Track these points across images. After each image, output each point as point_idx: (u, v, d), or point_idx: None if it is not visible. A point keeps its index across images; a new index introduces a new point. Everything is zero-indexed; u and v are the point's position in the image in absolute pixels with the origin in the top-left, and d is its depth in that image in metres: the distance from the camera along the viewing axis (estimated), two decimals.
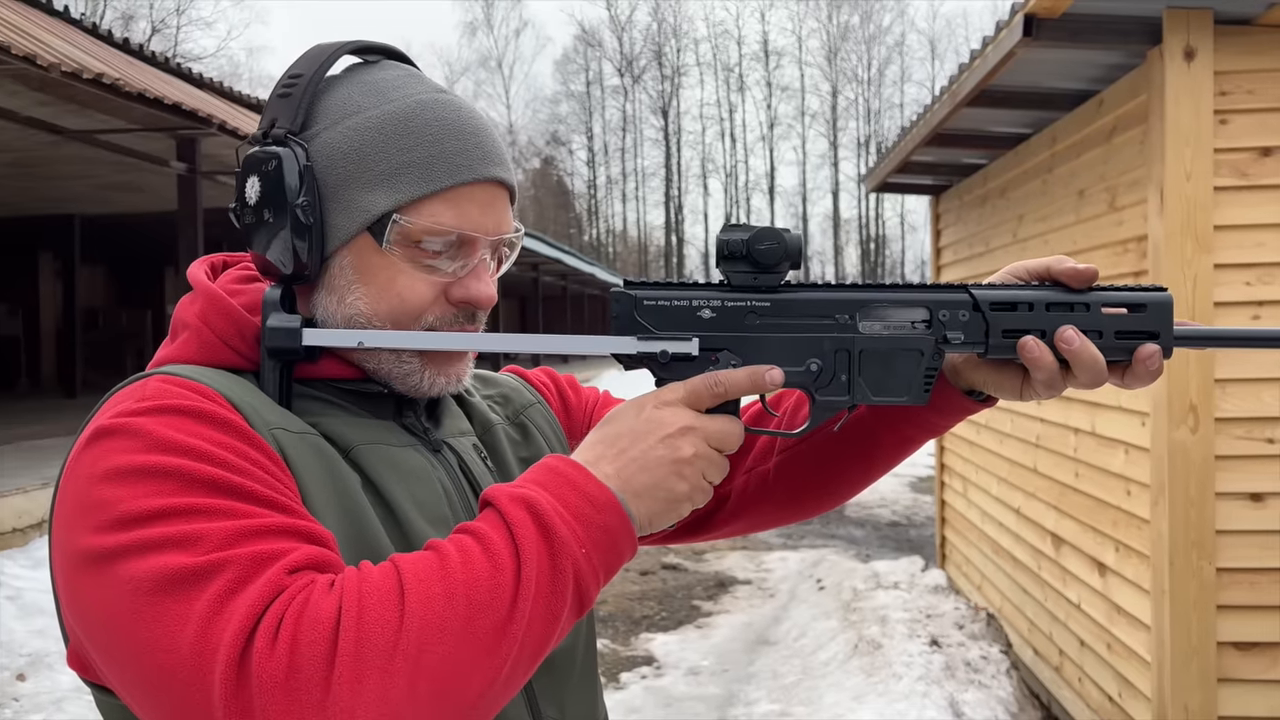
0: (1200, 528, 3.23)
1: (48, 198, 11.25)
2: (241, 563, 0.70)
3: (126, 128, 7.50)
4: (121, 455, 0.75)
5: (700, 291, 0.87)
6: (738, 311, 0.87)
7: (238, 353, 0.88)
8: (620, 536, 0.78)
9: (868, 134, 58.03)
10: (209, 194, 9.11)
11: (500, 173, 0.92)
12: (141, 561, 0.71)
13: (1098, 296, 0.89)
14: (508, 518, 0.75)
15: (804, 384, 0.88)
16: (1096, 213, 3.94)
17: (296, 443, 0.83)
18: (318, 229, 0.87)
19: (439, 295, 0.90)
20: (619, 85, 60.17)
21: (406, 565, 0.72)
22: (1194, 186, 3.19)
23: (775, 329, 0.87)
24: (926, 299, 0.89)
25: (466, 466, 0.96)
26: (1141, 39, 3.28)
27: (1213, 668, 3.24)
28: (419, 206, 0.87)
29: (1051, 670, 4.60)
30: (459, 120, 0.90)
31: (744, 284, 0.87)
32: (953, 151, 5.55)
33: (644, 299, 0.86)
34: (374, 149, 0.88)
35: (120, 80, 5.95)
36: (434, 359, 0.91)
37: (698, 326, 0.86)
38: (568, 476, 0.78)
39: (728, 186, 61.39)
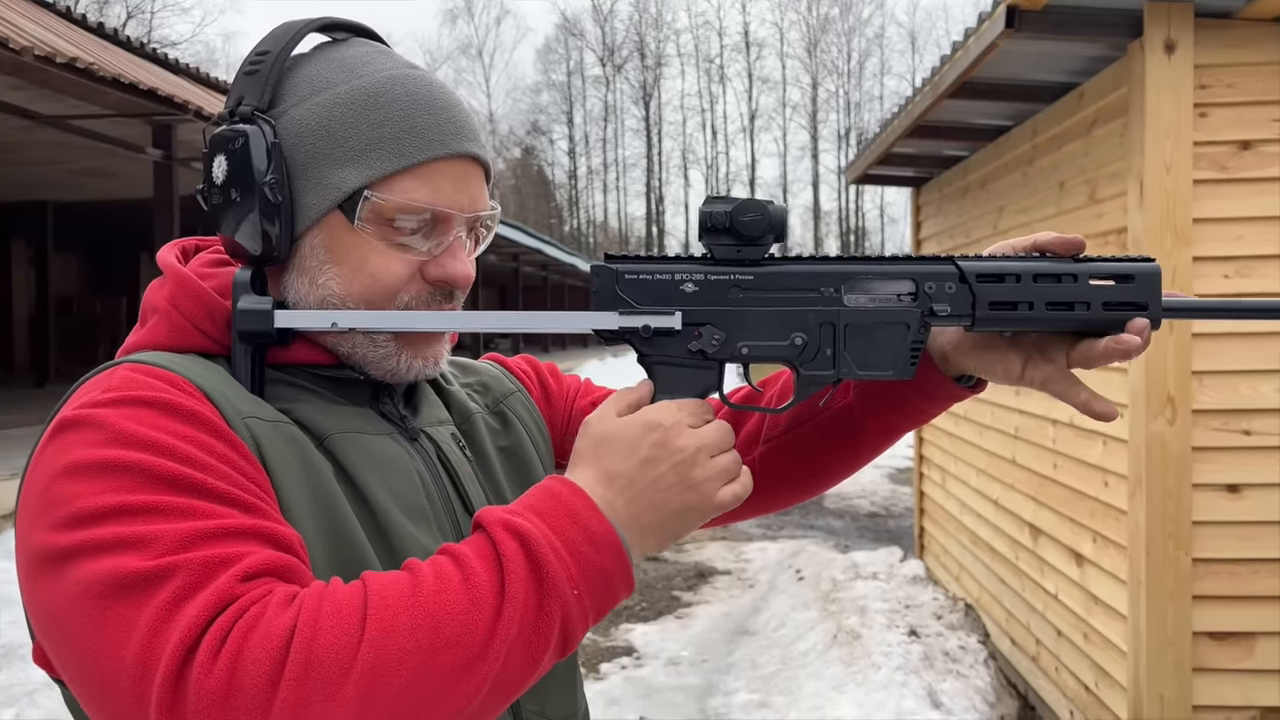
0: (1177, 519, 3.25)
1: (20, 184, 11.09)
2: (193, 568, 0.67)
3: (101, 113, 7.40)
4: (82, 449, 0.73)
5: (682, 265, 0.85)
6: (721, 285, 0.85)
7: (208, 336, 0.86)
8: (616, 579, 0.75)
9: (848, 126, 58.16)
10: (185, 181, 9.01)
11: (474, 148, 0.89)
12: (93, 563, 0.68)
13: (1086, 267, 0.88)
14: (499, 547, 0.71)
15: (789, 358, 0.87)
16: (1077, 205, 3.95)
17: (270, 432, 0.80)
18: (286, 208, 0.84)
19: (414, 274, 0.87)
20: (600, 75, 60.00)
21: (375, 586, 0.69)
22: (1174, 179, 3.21)
23: (759, 303, 0.85)
24: (912, 270, 0.87)
25: (445, 456, 0.94)
26: (1122, 31, 3.29)
27: (1188, 658, 3.27)
28: (391, 183, 0.85)
29: (1028, 660, 4.63)
30: (430, 95, 0.88)
31: (727, 257, 0.85)
32: (934, 143, 5.56)
33: (625, 273, 0.84)
34: (344, 125, 0.85)
35: (95, 65, 5.87)
36: (410, 341, 0.89)
37: (680, 300, 0.85)
38: (570, 507, 0.75)
39: (709, 178, 61.39)
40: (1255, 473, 3.26)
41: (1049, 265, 0.88)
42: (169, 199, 8.41)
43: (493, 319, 0.86)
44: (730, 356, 0.86)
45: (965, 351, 0.95)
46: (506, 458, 1.02)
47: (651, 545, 0.79)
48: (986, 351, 0.94)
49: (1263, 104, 3.22)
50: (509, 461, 1.02)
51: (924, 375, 0.96)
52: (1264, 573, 3.27)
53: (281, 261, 0.87)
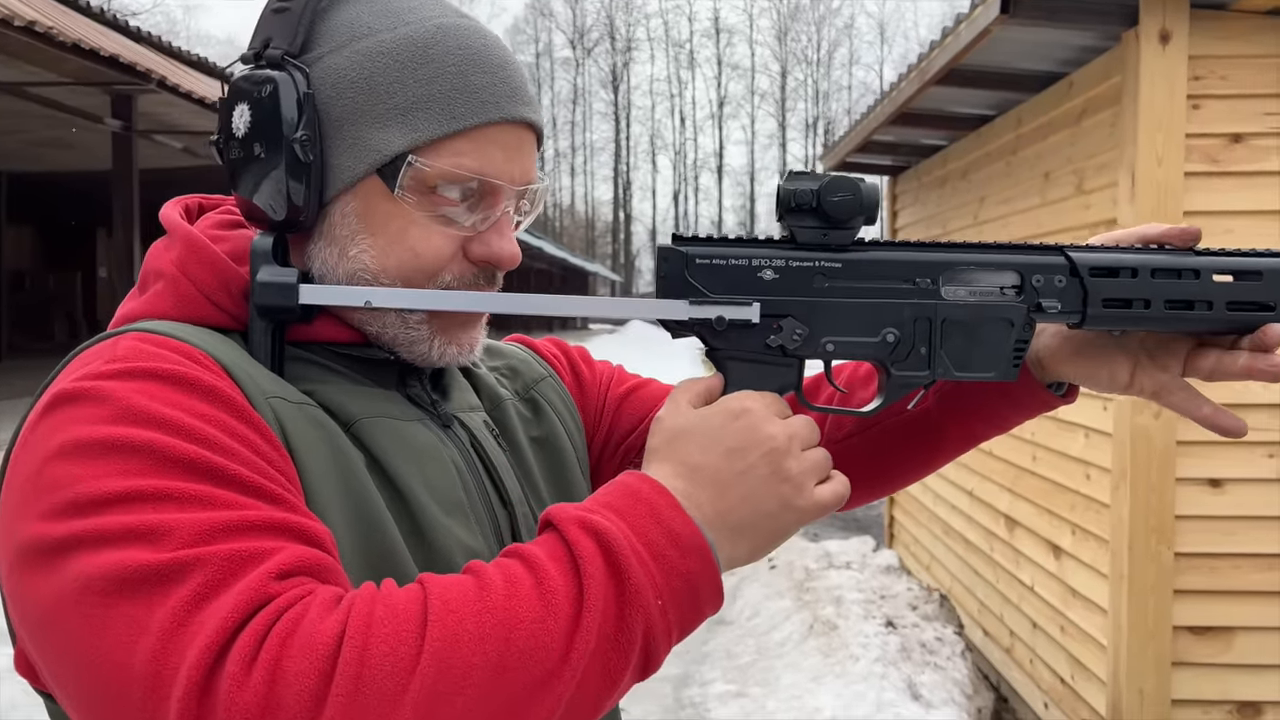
0: (1160, 513, 3.24)
1: None
2: (217, 562, 0.58)
3: (59, 81, 7.16)
4: (83, 426, 0.63)
5: (762, 249, 0.76)
6: (804, 273, 0.76)
7: (221, 309, 0.76)
8: (703, 588, 0.66)
9: (816, 115, 58.32)
10: (145, 154, 8.77)
11: (530, 114, 0.80)
12: (96, 555, 0.59)
13: (1207, 262, 0.80)
14: (573, 548, 0.62)
15: (879, 357, 0.77)
16: (1062, 195, 3.92)
17: (296, 415, 0.71)
18: (317, 169, 0.75)
19: (457, 251, 0.79)
20: (570, 57, 59.62)
21: (435, 590, 0.60)
22: (1165, 171, 3.18)
23: (847, 293, 0.76)
24: (1019, 261, 0.79)
25: (480, 445, 0.85)
26: (1117, 20, 3.26)
27: (1168, 651, 3.27)
28: (438, 147, 0.76)
29: (1002, 652, 4.63)
30: (485, 50, 0.79)
31: (812, 241, 0.76)
32: (913, 132, 5.52)
33: (697, 257, 0.75)
34: (388, 79, 0.76)
35: (54, 29, 5.66)
36: (445, 325, 0.80)
37: (758, 289, 0.75)
38: (651, 504, 0.66)
39: (676, 164, 61.32)
40: (1237, 467, 3.26)
41: (1168, 259, 0.80)
42: (128, 172, 8.19)
43: (547, 302, 0.78)
44: (813, 353, 0.77)
45: (1066, 355, 0.86)
46: (539, 448, 0.93)
47: (743, 551, 0.69)
48: (1091, 355, 0.85)
49: (1255, 97, 3.20)
50: (542, 452, 0.93)
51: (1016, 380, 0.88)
52: (1244, 567, 3.28)
53: (307, 229, 0.77)
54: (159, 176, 10.13)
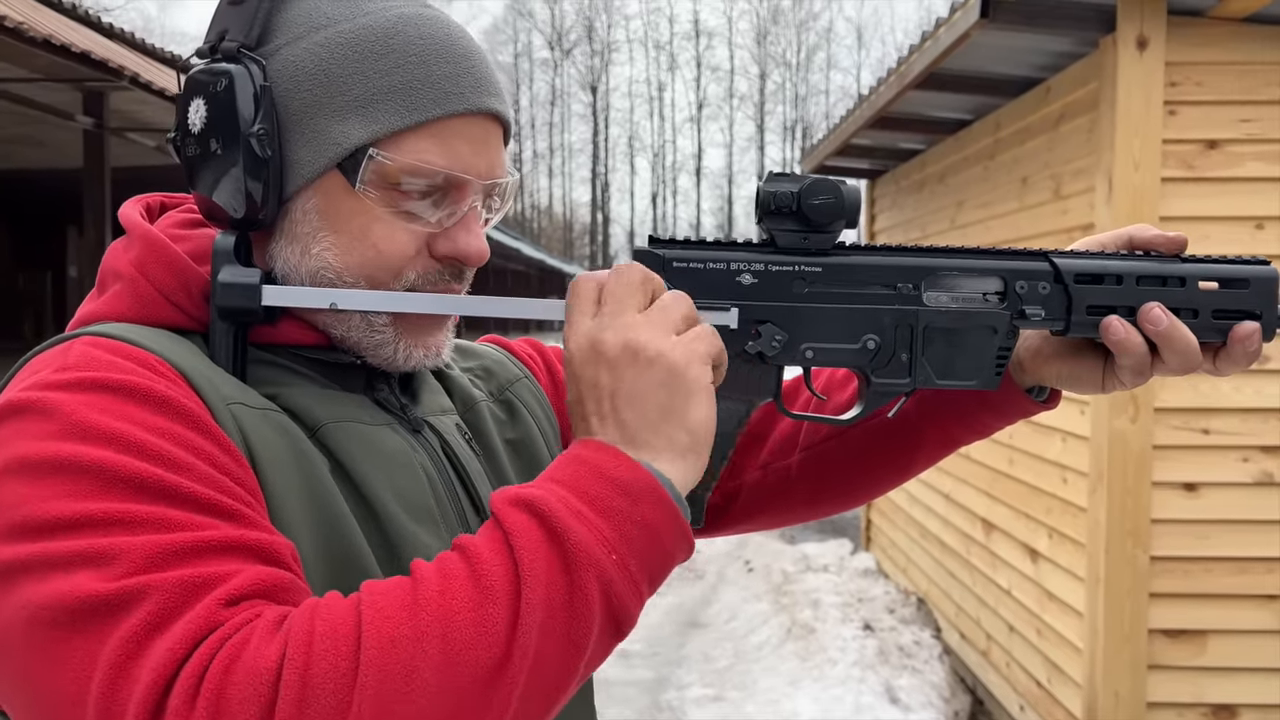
0: (1136, 516, 3.26)
1: None
2: (166, 590, 0.56)
3: (29, 77, 7.05)
4: (30, 442, 0.61)
5: (740, 253, 0.74)
6: (784, 277, 0.74)
7: (180, 310, 0.73)
8: (666, 532, 0.63)
9: (794, 119, 58.55)
10: (117, 152, 8.66)
11: (496, 104, 0.78)
12: (44, 583, 0.57)
13: (1193, 269, 0.79)
14: (504, 523, 0.61)
15: (859, 364, 0.76)
16: (1040, 200, 3.94)
17: (258, 421, 0.69)
18: (276, 165, 0.72)
19: (421, 248, 0.76)
20: (549, 58, 59.54)
21: (370, 597, 0.58)
22: (1142, 176, 3.20)
23: (827, 299, 0.74)
24: (1003, 267, 0.77)
25: (451, 449, 0.83)
26: (1095, 26, 3.27)
27: (1143, 655, 3.28)
28: (400, 140, 0.73)
29: (978, 654, 4.64)
30: (449, 39, 0.76)
31: (792, 245, 0.74)
32: (891, 135, 5.53)
33: (674, 260, 0.73)
34: (347, 70, 0.73)
35: (24, 24, 5.57)
36: (410, 328, 0.78)
37: (737, 294, 0.73)
38: (590, 462, 0.64)
39: (655, 166, 61.36)
40: (1212, 471, 3.28)
41: (1154, 266, 0.79)
42: (100, 170, 8.08)
43: (516, 305, 0.75)
44: (792, 360, 0.76)
45: (1047, 358, 0.84)
46: (515, 451, 0.91)
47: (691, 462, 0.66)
48: (1072, 358, 0.83)
49: (1230, 104, 3.22)
50: (517, 455, 0.91)
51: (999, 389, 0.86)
52: (1217, 571, 3.30)
53: (268, 226, 0.75)
54: (131, 174, 9.99)
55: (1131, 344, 0.77)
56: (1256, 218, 3.23)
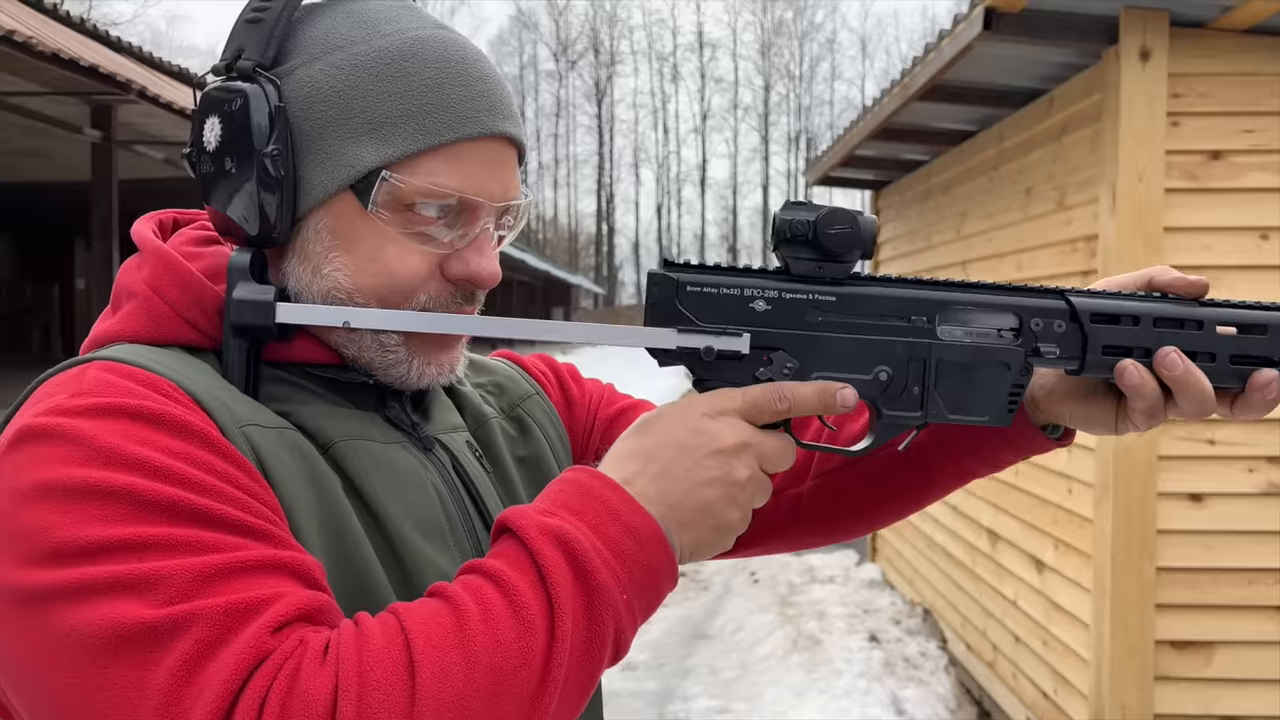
0: (1142, 527, 3.25)
1: None
2: (213, 617, 0.57)
3: (38, 91, 7.10)
4: (54, 467, 0.61)
5: (754, 279, 0.73)
6: (797, 305, 0.73)
7: (195, 328, 0.74)
8: (663, 575, 0.67)
9: (798, 129, 58.65)
10: (125, 164, 8.71)
11: (510, 128, 0.78)
12: (86, 608, 0.57)
13: (1213, 313, 0.79)
14: (538, 558, 0.62)
15: (870, 396, 0.75)
16: (1044, 211, 3.95)
17: (274, 441, 0.69)
18: (290, 184, 0.73)
19: (434, 270, 0.76)
20: (554, 70, 59.75)
21: (415, 626, 0.59)
22: (1145, 187, 3.20)
23: (840, 328, 0.74)
24: (1018, 304, 0.77)
25: (461, 468, 0.83)
26: (1098, 37, 3.28)
27: (1150, 666, 3.27)
28: (414, 163, 0.74)
29: (984, 666, 4.63)
30: (464, 62, 0.77)
31: (807, 273, 0.73)
32: (895, 146, 5.55)
33: (688, 284, 0.72)
34: (362, 92, 0.74)
35: (33, 39, 5.61)
36: (422, 346, 0.78)
37: (750, 320, 0.73)
38: (606, 502, 0.66)
39: (660, 176, 61.48)
40: (1217, 482, 3.28)
41: (1172, 308, 0.79)
42: (108, 182, 8.12)
43: (530, 327, 0.75)
44: None
45: (1061, 398, 0.83)
46: (525, 468, 0.91)
47: (693, 536, 0.69)
48: (1086, 398, 0.82)
49: (1234, 114, 3.23)
50: (528, 472, 0.91)
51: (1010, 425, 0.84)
52: (1223, 582, 3.29)
53: (281, 244, 0.75)
54: (139, 187, 10.05)
55: (1146, 389, 0.77)
56: (1261, 228, 3.23)
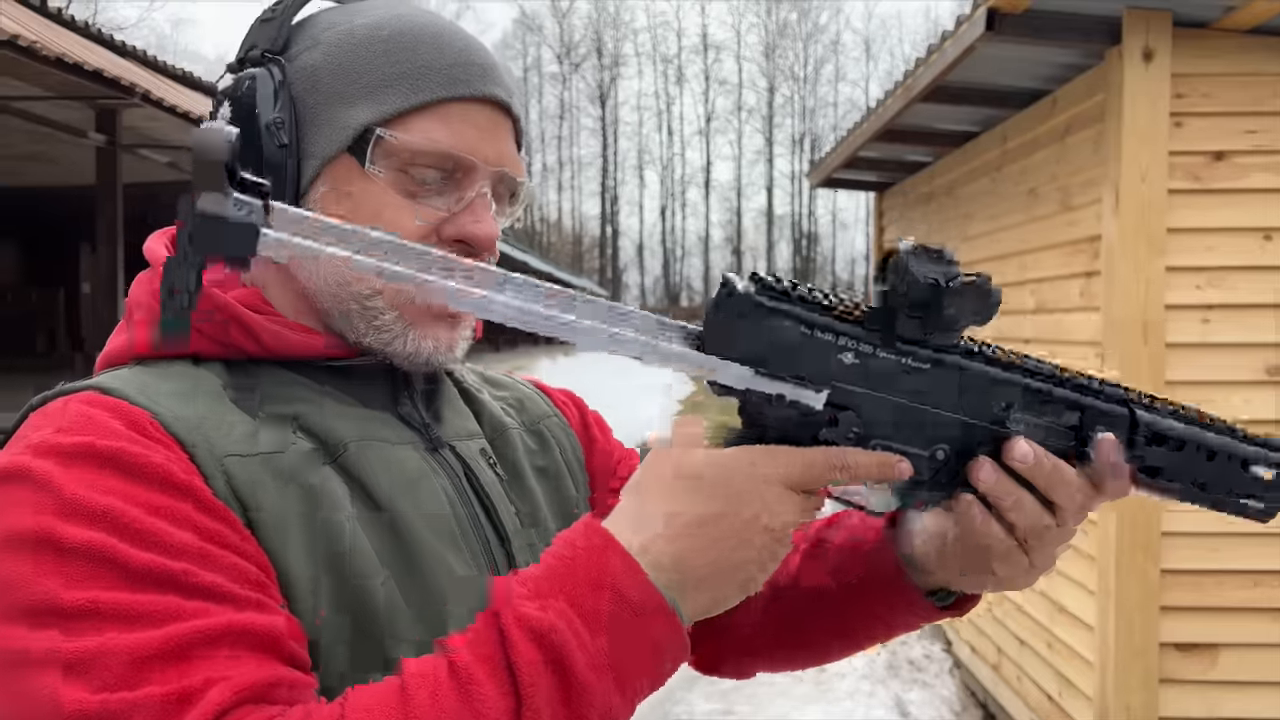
0: (1147, 530, 3.24)
1: None
2: (151, 708, 0.55)
3: (42, 95, 7.11)
4: (19, 514, 0.60)
5: (850, 329, 0.65)
6: (888, 368, 0.65)
7: (201, 334, 0.74)
8: (669, 648, 0.61)
9: (802, 131, 58.66)
10: (131, 168, 8.73)
11: (502, 94, 0.79)
12: (17, 679, 0.56)
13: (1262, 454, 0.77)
14: (511, 654, 0.58)
15: (918, 469, 0.69)
16: (1048, 212, 3.94)
17: (256, 470, 0.68)
18: (294, 155, 0.75)
19: (431, 234, 0.76)
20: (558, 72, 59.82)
21: (354, 713, 0.57)
22: (1149, 188, 3.19)
23: (920, 397, 0.67)
24: (1087, 404, 0.72)
25: (473, 474, 0.81)
26: (1100, 38, 3.27)
27: (1155, 668, 3.26)
28: (407, 121, 0.75)
29: (989, 668, 4.61)
30: (455, 34, 0.79)
31: (910, 335, 0.65)
32: (898, 148, 5.54)
33: (773, 312, 0.63)
34: (358, 60, 0.76)
35: (37, 43, 5.63)
36: (417, 316, 0.76)
37: (831, 371, 0.64)
38: (606, 573, 0.60)
39: (664, 178, 61.51)
40: None
41: (1231, 444, 0.76)
42: (112, 187, 8.14)
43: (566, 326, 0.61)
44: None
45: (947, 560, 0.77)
46: (544, 478, 0.89)
47: (709, 595, 0.63)
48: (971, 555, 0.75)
49: (1237, 115, 3.22)
50: (549, 485, 0.89)
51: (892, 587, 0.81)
52: (1227, 584, 3.28)
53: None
54: (143, 191, 10.07)
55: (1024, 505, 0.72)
56: (1264, 229, 3.22)
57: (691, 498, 0.63)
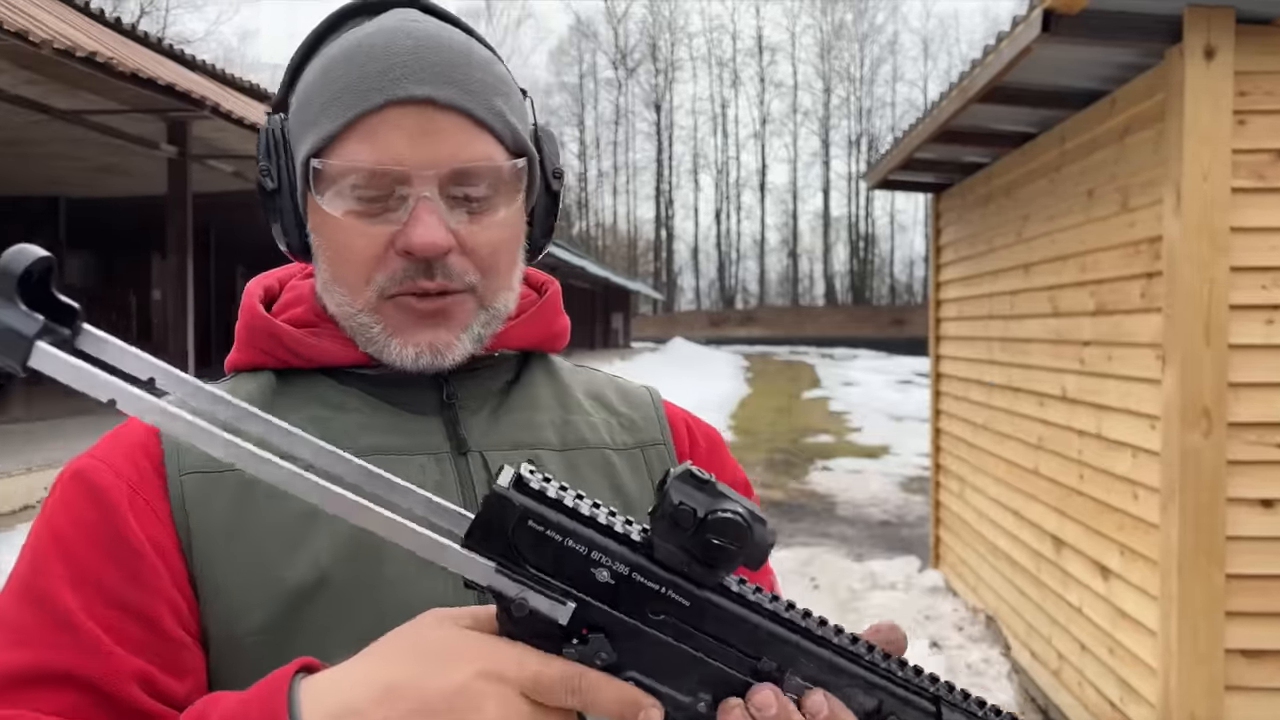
0: (1211, 533, 3.19)
1: (34, 179, 11.09)
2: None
3: (117, 109, 7.37)
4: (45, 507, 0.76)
5: (610, 543, 0.59)
6: (644, 593, 0.59)
7: (259, 350, 0.82)
8: None
9: (859, 132, 58.13)
10: (199, 178, 8.99)
11: (428, 91, 0.74)
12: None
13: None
14: None
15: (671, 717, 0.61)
16: (1107, 213, 3.89)
17: (212, 487, 0.74)
18: (288, 197, 0.79)
19: (386, 249, 0.76)
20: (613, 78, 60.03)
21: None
22: (1211, 187, 3.15)
23: (679, 635, 0.60)
24: (889, 691, 0.63)
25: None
26: (1161, 37, 3.24)
27: (1220, 675, 3.20)
28: (336, 147, 0.75)
29: (1049, 674, 4.56)
30: (390, 42, 0.76)
31: (671, 562, 0.59)
32: (956, 149, 5.51)
33: (531, 517, 0.58)
34: (309, 96, 0.79)
35: (113, 59, 5.84)
36: (398, 326, 0.77)
37: (584, 586, 0.59)
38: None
39: (719, 182, 61.39)
40: None
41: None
42: (183, 196, 8.40)
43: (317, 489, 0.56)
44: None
45: None
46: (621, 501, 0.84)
47: None
48: None
49: None
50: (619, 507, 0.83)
51: None
52: None
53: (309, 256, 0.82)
54: (211, 200, 10.37)
55: None
56: None
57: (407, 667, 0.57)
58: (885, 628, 0.63)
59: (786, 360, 35.46)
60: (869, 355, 36.45)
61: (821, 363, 33.41)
